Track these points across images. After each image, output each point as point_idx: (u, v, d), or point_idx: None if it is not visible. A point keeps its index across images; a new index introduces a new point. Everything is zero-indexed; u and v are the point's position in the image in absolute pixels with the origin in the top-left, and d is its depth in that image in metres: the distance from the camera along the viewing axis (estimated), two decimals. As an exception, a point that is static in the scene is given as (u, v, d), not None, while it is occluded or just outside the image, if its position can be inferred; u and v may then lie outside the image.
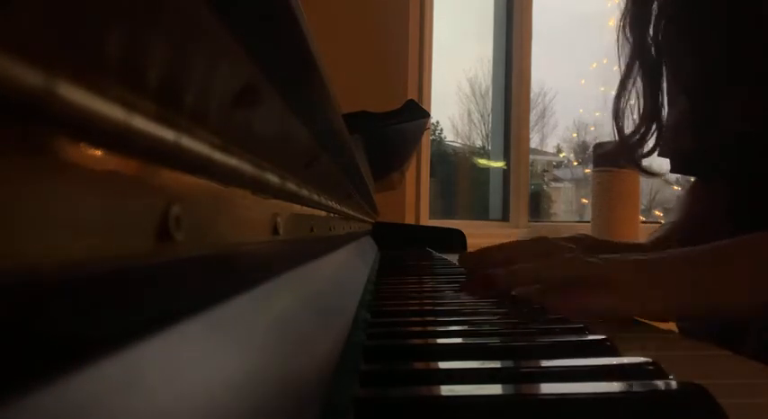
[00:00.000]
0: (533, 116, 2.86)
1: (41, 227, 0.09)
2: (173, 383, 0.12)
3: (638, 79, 0.66)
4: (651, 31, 0.65)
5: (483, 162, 2.91)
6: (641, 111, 0.66)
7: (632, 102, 0.67)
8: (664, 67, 0.65)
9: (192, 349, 0.14)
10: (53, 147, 0.10)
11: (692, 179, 0.72)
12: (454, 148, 3.10)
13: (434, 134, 2.78)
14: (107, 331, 0.11)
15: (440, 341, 0.33)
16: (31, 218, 0.09)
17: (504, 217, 2.64)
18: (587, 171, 2.52)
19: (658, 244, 0.66)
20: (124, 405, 0.10)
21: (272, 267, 0.24)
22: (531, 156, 2.81)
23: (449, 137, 3.04)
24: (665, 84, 0.66)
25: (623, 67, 0.67)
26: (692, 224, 0.67)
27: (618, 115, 0.68)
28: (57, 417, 0.08)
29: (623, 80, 0.67)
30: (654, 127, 0.66)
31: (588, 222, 2.37)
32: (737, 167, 0.58)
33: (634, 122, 0.67)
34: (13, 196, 0.09)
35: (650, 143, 0.67)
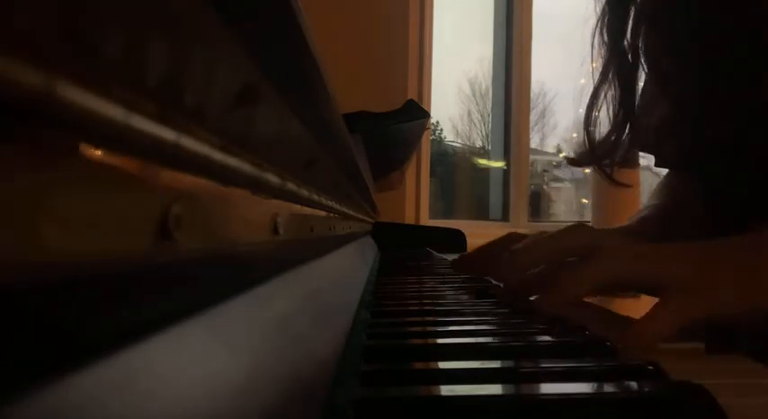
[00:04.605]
0: (533, 116, 2.86)
1: (41, 226, 0.09)
2: (172, 383, 0.12)
3: (613, 85, 0.65)
4: (629, 36, 0.64)
5: (483, 162, 2.90)
6: (613, 118, 0.65)
7: (603, 109, 0.66)
8: (641, 72, 0.64)
9: (192, 348, 0.14)
10: (53, 146, 0.10)
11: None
12: (454, 148, 3.09)
13: (434, 134, 2.78)
14: (107, 330, 0.11)
15: (440, 341, 0.33)
16: (31, 218, 0.09)
17: (504, 217, 2.64)
18: (587, 171, 2.52)
19: (645, 224, 0.66)
20: (124, 404, 0.10)
21: (273, 267, 0.24)
22: (531, 156, 2.81)
23: (449, 137, 3.03)
24: (638, 91, 0.65)
25: (598, 74, 0.66)
26: (674, 207, 0.66)
27: (589, 123, 0.66)
28: (57, 417, 0.08)
29: (597, 86, 0.66)
30: (625, 134, 0.65)
31: (588, 222, 2.37)
32: (724, 166, 0.57)
33: (600, 133, 0.66)
34: (13, 195, 0.09)
35: (620, 152, 0.66)
